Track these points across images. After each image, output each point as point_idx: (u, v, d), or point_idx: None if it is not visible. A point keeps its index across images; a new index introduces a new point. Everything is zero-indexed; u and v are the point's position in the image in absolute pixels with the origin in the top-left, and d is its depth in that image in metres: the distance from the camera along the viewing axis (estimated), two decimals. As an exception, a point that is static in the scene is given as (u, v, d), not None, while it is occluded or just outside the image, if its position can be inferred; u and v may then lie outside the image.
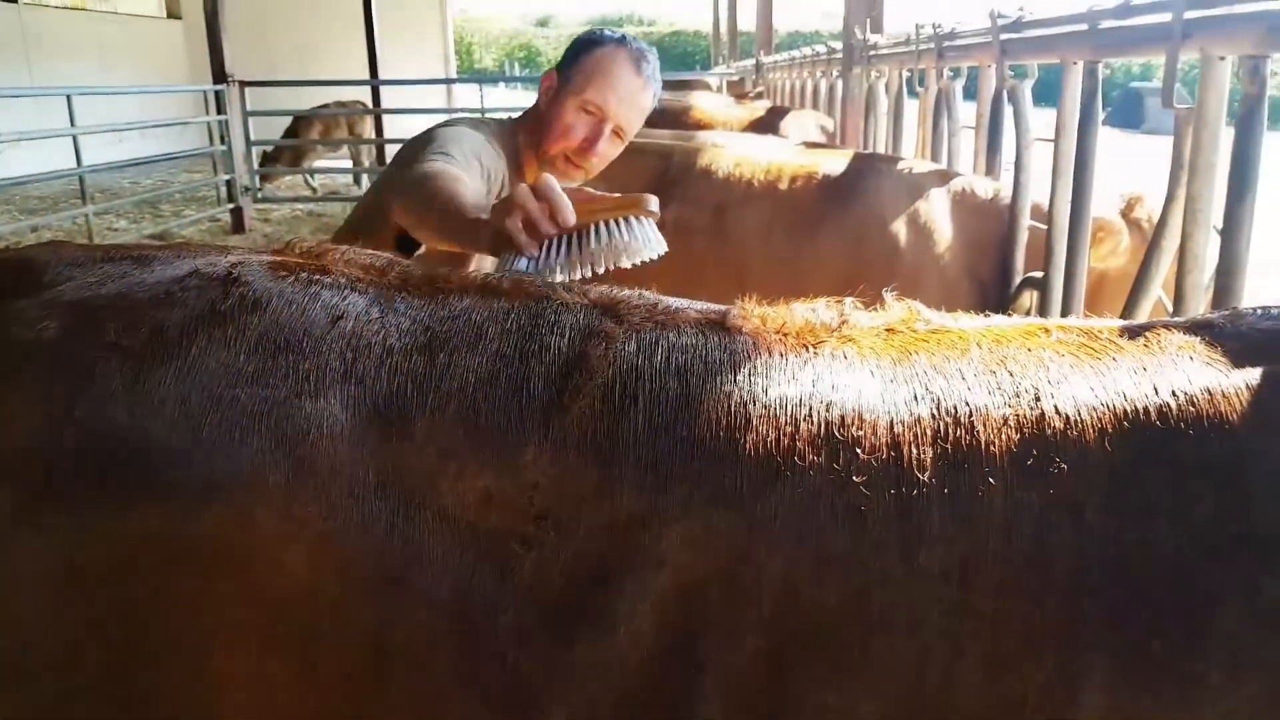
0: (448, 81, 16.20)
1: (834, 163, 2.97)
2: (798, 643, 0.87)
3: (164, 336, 0.85)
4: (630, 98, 1.88)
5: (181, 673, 0.83)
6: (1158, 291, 2.07)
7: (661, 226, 1.42)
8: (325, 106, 11.40)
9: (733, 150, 3.09)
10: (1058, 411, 0.89)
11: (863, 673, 0.88)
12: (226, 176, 9.13)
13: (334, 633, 0.82)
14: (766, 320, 0.96)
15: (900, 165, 2.98)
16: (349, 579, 0.82)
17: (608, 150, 1.91)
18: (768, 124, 5.12)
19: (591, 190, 1.52)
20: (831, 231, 2.80)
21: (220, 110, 8.96)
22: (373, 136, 11.30)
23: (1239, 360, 0.91)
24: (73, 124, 7.10)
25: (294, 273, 0.94)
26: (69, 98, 7.08)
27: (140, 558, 0.80)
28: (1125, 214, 2.64)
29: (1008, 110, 2.89)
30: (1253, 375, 0.90)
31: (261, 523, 0.80)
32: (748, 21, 12.11)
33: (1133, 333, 0.96)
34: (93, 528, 0.80)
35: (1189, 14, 1.84)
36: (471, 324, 0.93)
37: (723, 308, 0.98)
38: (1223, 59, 1.80)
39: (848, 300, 0.98)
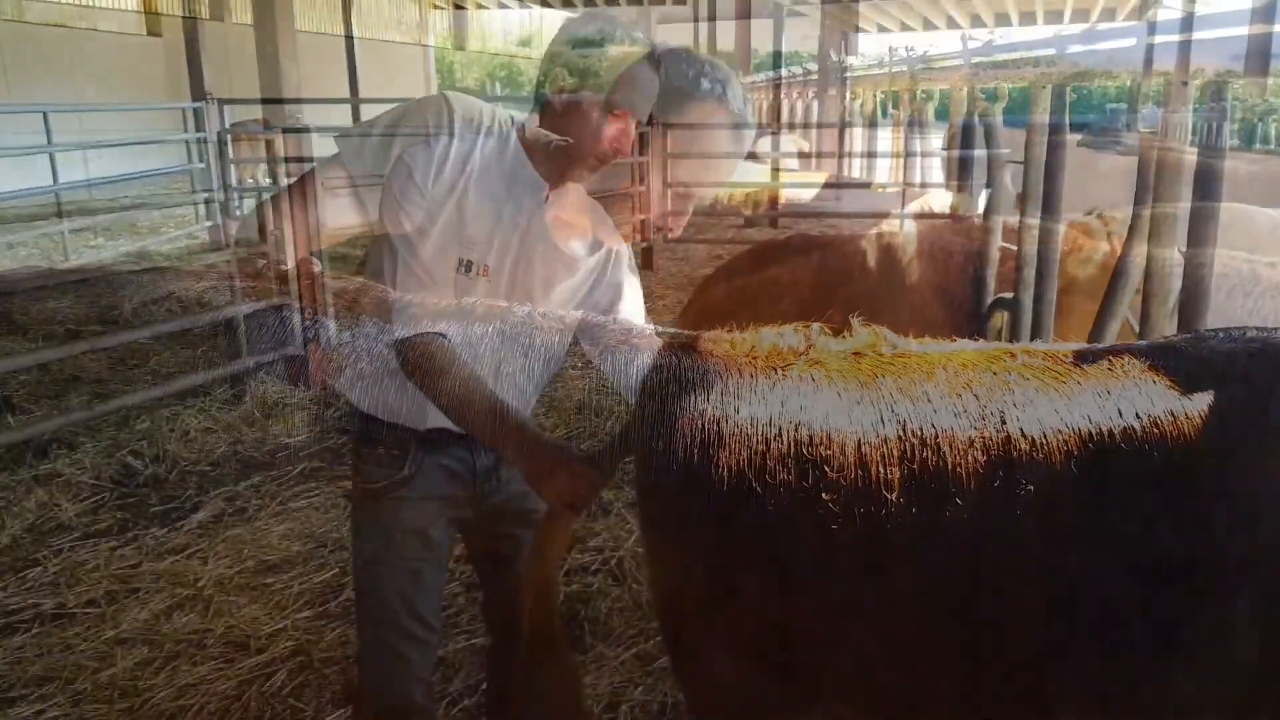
0: (428, 100, 16.13)
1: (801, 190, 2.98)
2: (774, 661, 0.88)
3: None
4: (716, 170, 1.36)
5: None
6: (1125, 313, 2.10)
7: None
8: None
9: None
10: (1024, 434, 0.90)
11: (839, 693, 0.89)
12: (204, 194, 9.06)
13: None
14: (736, 345, 0.98)
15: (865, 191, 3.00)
16: None
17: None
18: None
19: None
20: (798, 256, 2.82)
21: (199, 128, 8.90)
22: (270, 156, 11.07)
23: (1202, 383, 0.93)
24: (49, 141, 7.06)
25: None
26: (45, 114, 7.04)
27: None
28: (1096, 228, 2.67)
29: (979, 131, 2.92)
30: (1215, 398, 0.92)
31: None
32: (728, 42, 12.18)
33: (1096, 357, 0.98)
34: None
35: (1153, 39, 1.88)
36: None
37: (693, 333, 1.00)
38: (1185, 83, 1.83)
39: (814, 326, 0.99)
